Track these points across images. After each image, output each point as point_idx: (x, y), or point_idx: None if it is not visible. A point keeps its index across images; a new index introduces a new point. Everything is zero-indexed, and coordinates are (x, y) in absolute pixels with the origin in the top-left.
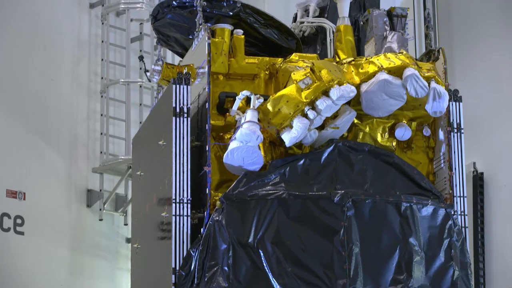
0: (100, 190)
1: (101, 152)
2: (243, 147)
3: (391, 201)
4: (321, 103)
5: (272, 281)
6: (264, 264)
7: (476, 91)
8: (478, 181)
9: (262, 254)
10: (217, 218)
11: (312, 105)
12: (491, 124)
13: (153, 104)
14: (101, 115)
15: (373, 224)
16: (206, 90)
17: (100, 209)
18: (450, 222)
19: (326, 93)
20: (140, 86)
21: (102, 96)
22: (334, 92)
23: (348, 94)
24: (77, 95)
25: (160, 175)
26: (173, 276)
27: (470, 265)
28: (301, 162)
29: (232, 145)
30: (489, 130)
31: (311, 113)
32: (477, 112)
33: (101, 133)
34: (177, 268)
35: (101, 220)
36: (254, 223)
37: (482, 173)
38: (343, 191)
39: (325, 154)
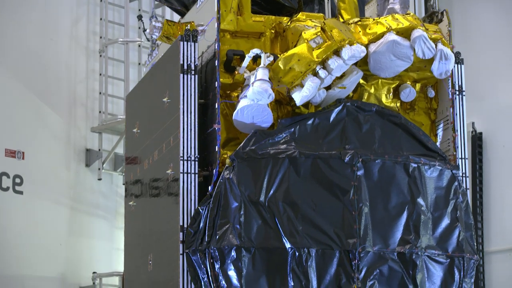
0: (99, 150)
1: (99, 112)
2: (254, 105)
3: (399, 161)
4: (332, 63)
5: (283, 240)
6: (275, 223)
7: (473, 52)
8: (476, 141)
9: (273, 212)
10: (228, 176)
11: (323, 64)
12: (490, 84)
13: (148, 62)
14: (100, 74)
15: (382, 184)
16: (214, 47)
17: (99, 169)
18: (456, 183)
19: (337, 52)
20: (139, 46)
21: (100, 56)
22: (345, 52)
23: (359, 54)
24: (76, 55)
25: (163, 133)
26: (181, 233)
27: (473, 226)
28: (310, 121)
29: (243, 103)
30: (487, 90)
31: (322, 72)
32: (475, 72)
33: (100, 93)
34: (185, 225)
35: (100, 179)
36: (265, 181)
37: (481, 133)
38: (353, 151)
39: (334, 114)
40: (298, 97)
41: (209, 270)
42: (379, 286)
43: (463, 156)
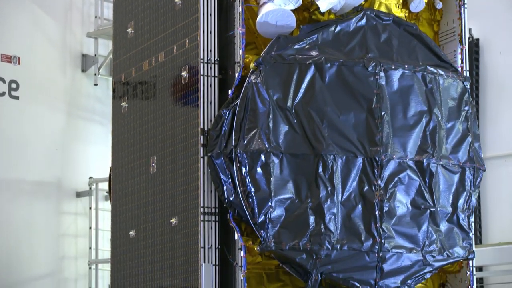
0: (95, 55)
1: (95, 17)
2: (280, 10)
3: (418, 71)
4: None
5: (310, 146)
6: (303, 129)
7: None
8: (473, 47)
9: (300, 118)
10: (255, 80)
11: None
12: None
13: None
14: None
15: (401, 93)
16: None
17: (95, 74)
18: (467, 94)
19: None
20: None
21: None
22: None
23: None
24: None
25: (173, 34)
26: (202, 136)
27: (479, 137)
28: (332, 28)
29: (269, 7)
30: None
31: None
32: None
33: None
34: (206, 128)
35: (96, 85)
36: (292, 86)
37: (477, 39)
38: (376, 60)
39: (354, 21)
40: (325, 3)
41: (235, 174)
42: (399, 194)
43: (465, 68)
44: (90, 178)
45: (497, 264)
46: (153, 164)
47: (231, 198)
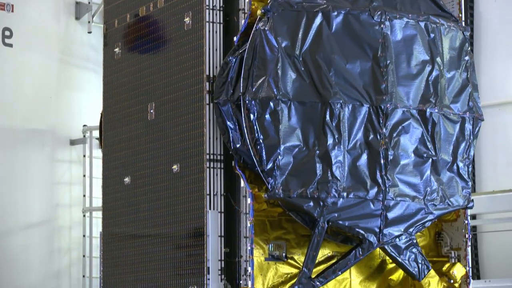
0: (89, 3)
1: None
2: None
3: (421, 20)
4: None
5: (318, 93)
6: (311, 77)
7: None
8: None
9: (308, 66)
10: (263, 27)
11: None
12: None
13: None
14: None
15: (405, 42)
16: None
17: (89, 22)
18: (467, 44)
19: None
20: None
21: None
22: None
23: None
24: None
25: None
26: (207, 83)
27: (477, 87)
28: None
29: None
30: None
31: None
32: None
33: None
34: (211, 75)
35: (89, 32)
36: (300, 34)
37: None
38: (382, 9)
39: None
40: None
41: (243, 121)
42: (402, 143)
43: (463, 18)
44: (84, 126)
45: (491, 212)
46: (151, 111)
47: (238, 145)
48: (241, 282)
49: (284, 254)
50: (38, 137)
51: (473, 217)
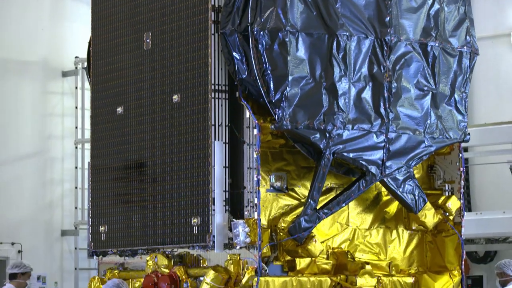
0: None
1: None
2: None
3: None
4: None
5: (325, 24)
6: (318, 8)
7: None
8: None
9: None
10: None
11: None
12: None
13: None
14: None
15: None
16: None
17: None
18: None
19: None
20: None
21: None
22: None
23: None
24: None
25: None
26: (213, 13)
27: (473, 21)
28: None
29: None
30: None
31: None
32: None
33: None
34: (217, 5)
35: None
36: None
37: None
38: None
39: None
40: None
41: (250, 52)
42: (405, 75)
43: None
44: (76, 57)
45: (482, 145)
46: (148, 40)
47: (244, 76)
48: (245, 213)
49: (285, 185)
50: (30, 68)
51: (465, 149)
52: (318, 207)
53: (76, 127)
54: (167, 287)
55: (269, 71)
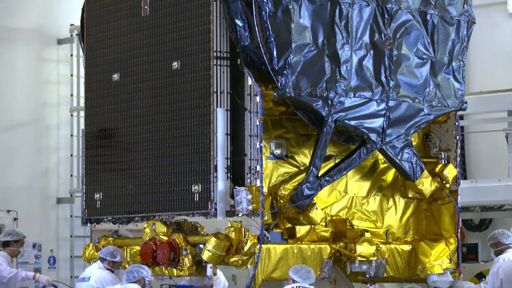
0: None
1: None
2: None
3: None
4: None
5: None
6: None
7: None
8: None
9: None
10: None
11: None
12: None
13: None
14: None
15: None
16: None
17: None
18: None
19: None
20: None
21: None
22: None
23: None
24: None
25: None
26: None
27: None
28: None
29: None
30: None
31: None
32: None
33: None
34: None
35: None
36: None
37: None
38: None
39: None
40: None
41: (254, 19)
42: (405, 44)
43: None
44: (72, 25)
45: (478, 113)
46: (145, 7)
47: (246, 43)
48: (248, 180)
49: (285, 153)
50: (25, 36)
51: (460, 117)
52: (319, 175)
53: (72, 95)
54: (166, 254)
55: (272, 38)
